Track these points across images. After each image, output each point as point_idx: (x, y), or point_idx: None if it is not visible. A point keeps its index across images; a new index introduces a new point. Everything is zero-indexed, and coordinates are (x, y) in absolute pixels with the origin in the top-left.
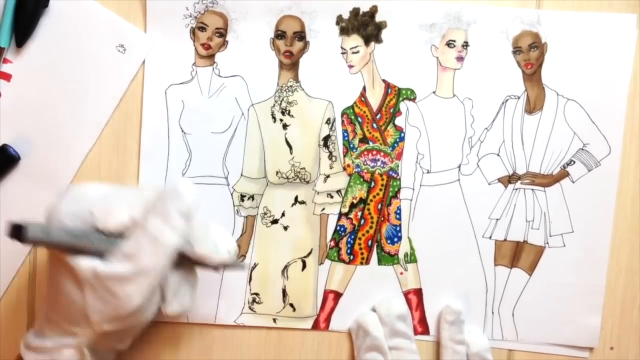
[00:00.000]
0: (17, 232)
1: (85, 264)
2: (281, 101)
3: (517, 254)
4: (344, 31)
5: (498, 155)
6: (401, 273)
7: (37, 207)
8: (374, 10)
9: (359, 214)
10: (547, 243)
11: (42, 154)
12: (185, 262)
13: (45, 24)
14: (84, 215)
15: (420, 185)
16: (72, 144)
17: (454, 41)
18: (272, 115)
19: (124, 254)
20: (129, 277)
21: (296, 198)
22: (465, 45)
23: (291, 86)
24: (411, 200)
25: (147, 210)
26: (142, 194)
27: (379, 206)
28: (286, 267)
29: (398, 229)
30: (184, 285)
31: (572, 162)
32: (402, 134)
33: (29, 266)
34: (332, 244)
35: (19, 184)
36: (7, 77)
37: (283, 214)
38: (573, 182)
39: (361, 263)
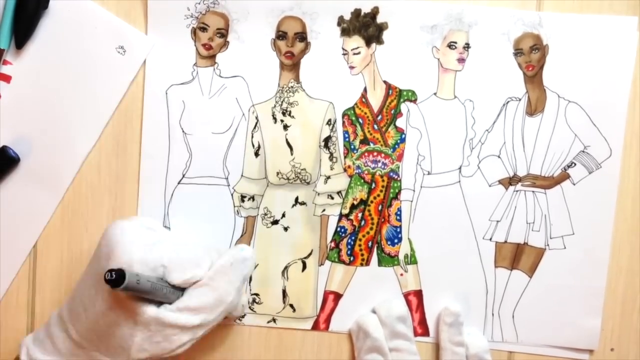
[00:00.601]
0: (116, 279)
1: (152, 311)
2: (282, 102)
3: (518, 256)
4: (345, 32)
5: (499, 157)
6: (401, 274)
7: (37, 208)
8: (375, 12)
9: (360, 215)
10: (548, 245)
11: (41, 155)
12: None
13: (44, 25)
14: (155, 266)
15: (421, 187)
16: (72, 145)
17: (455, 43)
18: (272, 115)
19: (190, 307)
20: (188, 327)
21: (297, 199)
22: (467, 46)
23: (292, 87)
24: (412, 201)
25: (217, 272)
26: (209, 253)
27: (380, 207)
28: (286, 267)
29: (398, 230)
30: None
31: (573, 164)
32: (403, 136)
33: (29, 266)
34: (333, 245)
35: (18, 185)
36: (7, 78)
37: (283, 215)
38: (574, 185)
39: (361, 264)
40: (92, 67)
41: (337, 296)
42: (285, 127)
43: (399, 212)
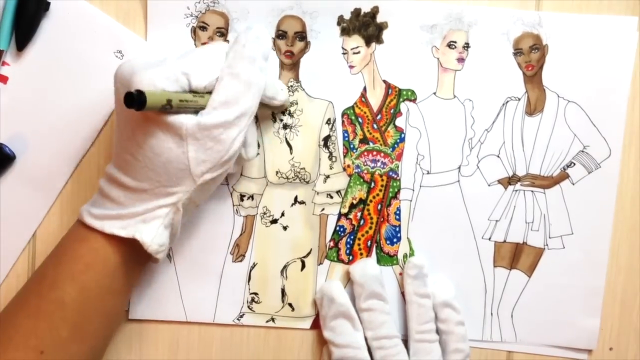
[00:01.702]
0: (137, 100)
1: (187, 118)
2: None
3: (517, 256)
4: (345, 31)
5: (498, 156)
6: (400, 274)
7: (33, 206)
8: (375, 11)
9: (359, 214)
10: (547, 245)
11: (37, 155)
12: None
13: (44, 27)
14: (177, 77)
15: (420, 186)
16: (68, 145)
17: (455, 42)
18: (272, 115)
19: (222, 102)
20: (232, 121)
21: (296, 198)
22: (466, 46)
23: (292, 86)
24: (411, 201)
25: (233, 58)
26: (219, 49)
27: (379, 207)
28: (285, 267)
29: (397, 229)
30: (252, 128)
31: (572, 164)
32: (403, 135)
33: (28, 267)
34: (332, 244)
35: (14, 184)
36: (4, 79)
37: (282, 214)
38: (573, 184)
39: None
40: (89, 70)
41: None
42: (285, 126)
43: (398, 212)
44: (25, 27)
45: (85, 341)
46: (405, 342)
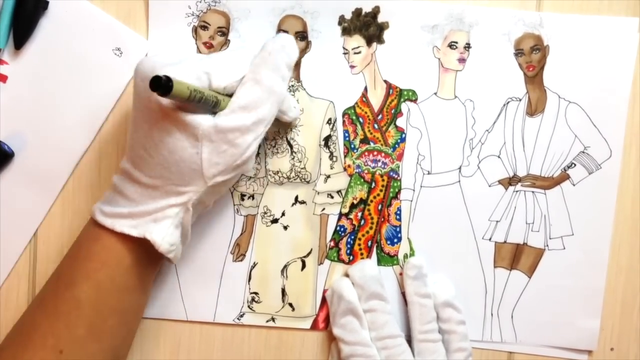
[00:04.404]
0: (165, 84)
1: (206, 119)
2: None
3: (517, 256)
4: (346, 31)
5: (499, 157)
6: (400, 274)
7: (32, 204)
8: (376, 11)
9: (359, 214)
10: (547, 245)
11: (36, 152)
12: None
13: (42, 26)
14: (198, 75)
15: (421, 187)
16: (67, 143)
17: (456, 43)
18: None
19: (241, 106)
20: (249, 127)
21: (296, 198)
22: (467, 46)
23: (292, 86)
24: (411, 201)
25: (258, 64)
26: (243, 53)
27: (379, 207)
28: (285, 266)
29: (398, 229)
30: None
31: (573, 165)
32: (403, 135)
33: (29, 266)
34: (332, 244)
35: (13, 182)
36: (2, 78)
37: (283, 214)
38: (573, 185)
39: None
40: (88, 68)
41: None
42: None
43: (398, 212)
44: (23, 26)
45: (103, 340)
46: (408, 342)
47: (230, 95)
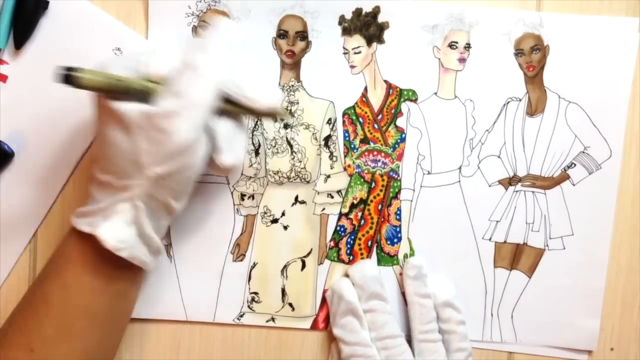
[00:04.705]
0: (70, 76)
1: (132, 106)
2: (282, 101)
3: (517, 256)
4: (346, 31)
5: (499, 157)
6: (400, 274)
7: (33, 205)
8: (376, 11)
9: (359, 214)
10: (547, 245)
11: (36, 153)
12: (234, 112)
13: (42, 26)
14: (132, 66)
15: (421, 187)
16: (67, 144)
17: (456, 43)
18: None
19: (170, 92)
20: (177, 111)
21: (296, 198)
22: (468, 46)
23: (292, 86)
24: (411, 201)
25: (189, 48)
26: (189, 41)
27: (379, 207)
28: (285, 266)
29: (398, 229)
30: (235, 135)
31: (573, 165)
32: (403, 135)
33: (29, 266)
34: (332, 244)
35: (13, 182)
36: (2, 78)
37: (283, 214)
38: (573, 185)
39: None
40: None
41: None
42: (286, 125)
43: (398, 212)
44: (23, 26)
45: (73, 341)
46: (409, 342)
47: None
